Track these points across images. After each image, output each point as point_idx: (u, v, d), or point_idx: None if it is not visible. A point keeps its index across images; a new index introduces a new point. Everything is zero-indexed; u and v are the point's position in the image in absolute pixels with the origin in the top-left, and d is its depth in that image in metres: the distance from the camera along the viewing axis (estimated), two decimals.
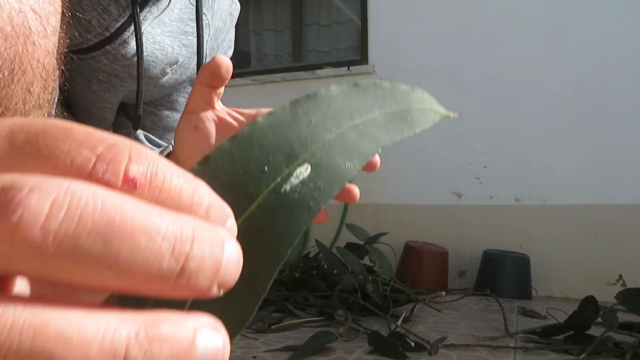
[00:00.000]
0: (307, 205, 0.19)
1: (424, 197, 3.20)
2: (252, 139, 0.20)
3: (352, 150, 0.22)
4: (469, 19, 3.15)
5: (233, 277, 0.15)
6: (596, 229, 2.85)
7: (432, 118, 0.26)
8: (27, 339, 0.12)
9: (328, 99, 0.22)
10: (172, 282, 0.13)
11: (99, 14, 0.60)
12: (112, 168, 0.14)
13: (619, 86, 2.84)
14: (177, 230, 0.13)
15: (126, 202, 0.13)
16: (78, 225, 0.12)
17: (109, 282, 0.13)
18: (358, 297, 2.27)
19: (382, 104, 0.24)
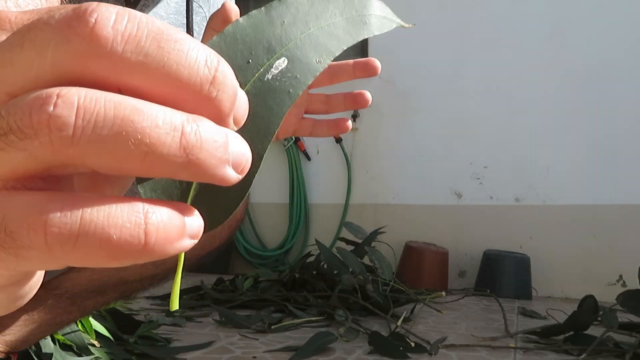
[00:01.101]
0: (288, 91, 0.23)
1: (424, 197, 3.20)
2: (236, 35, 0.23)
3: (320, 48, 0.25)
4: (468, 19, 3.15)
5: (244, 112, 0.18)
6: (596, 229, 2.85)
7: (388, 25, 0.31)
8: (111, 107, 0.15)
9: (297, 4, 0.25)
10: (206, 89, 0.17)
11: None
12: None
13: (619, 86, 2.84)
14: (207, 50, 0.17)
15: (169, 25, 0.17)
16: (138, 30, 0.16)
17: (159, 84, 0.16)
18: (358, 297, 2.27)
19: (343, 10, 0.28)
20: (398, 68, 3.30)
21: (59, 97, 0.15)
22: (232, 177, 0.17)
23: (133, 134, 0.15)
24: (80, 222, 0.15)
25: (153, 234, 0.15)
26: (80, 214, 0.15)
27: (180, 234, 0.16)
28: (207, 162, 0.16)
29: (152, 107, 0.16)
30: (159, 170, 0.16)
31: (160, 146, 0.15)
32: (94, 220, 0.15)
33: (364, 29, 0.28)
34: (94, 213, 0.15)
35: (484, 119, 3.09)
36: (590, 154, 2.88)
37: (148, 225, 0.15)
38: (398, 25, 0.33)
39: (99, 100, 0.15)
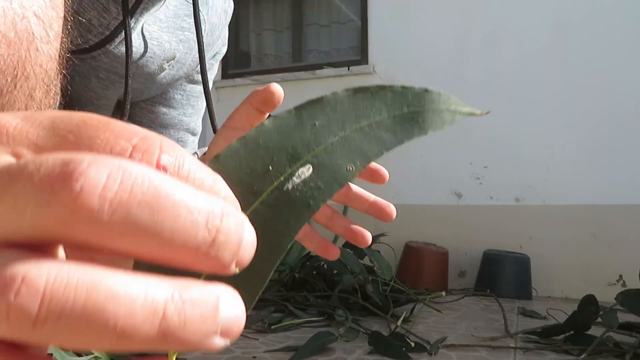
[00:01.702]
0: (307, 204, 0.21)
1: (424, 197, 3.20)
2: (258, 140, 0.21)
3: (355, 152, 0.23)
4: (469, 18, 3.15)
5: (249, 255, 0.16)
6: (596, 229, 2.85)
7: (449, 118, 0.26)
8: (82, 294, 0.13)
9: (334, 103, 0.23)
10: (204, 252, 0.15)
11: (99, 13, 0.60)
12: (146, 157, 0.16)
13: (619, 86, 2.84)
14: (209, 206, 0.15)
15: (168, 179, 0.15)
16: (130, 196, 0.14)
17: (151, 250, 0.15)
18: (358, 297, 2.27)
19: (392, 107, 0.24)
20: (398, 68, 3.30)
21: (23, 283, 0.13)
22: (217, 346, 0.15)
23: (104, 324, 0.13)
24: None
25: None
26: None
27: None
28: (189, 340, 0.15)
29: (132, 287, 0.14)
30: (132, 349, 0.14)
31: (135, 334, 0.14)
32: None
33: (414, 128, 0.25)
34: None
35: (484, 119, 3.09)
36: (590, 154, 2.88)
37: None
38: (463, 116, 0.27)
39: (70, 284, 0.13)
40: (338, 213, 0.51)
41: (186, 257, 0.15)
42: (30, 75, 0.28)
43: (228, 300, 0.15)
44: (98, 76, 0.65)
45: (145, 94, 0.73)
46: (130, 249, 0.15)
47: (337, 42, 3.80)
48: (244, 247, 0.16)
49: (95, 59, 0.63)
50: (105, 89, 0.67)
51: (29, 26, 0.27)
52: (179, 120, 0.78)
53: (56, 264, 0.14)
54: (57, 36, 0.30)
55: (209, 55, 0.78)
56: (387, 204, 0.50)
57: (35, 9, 0.28)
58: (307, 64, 3.76)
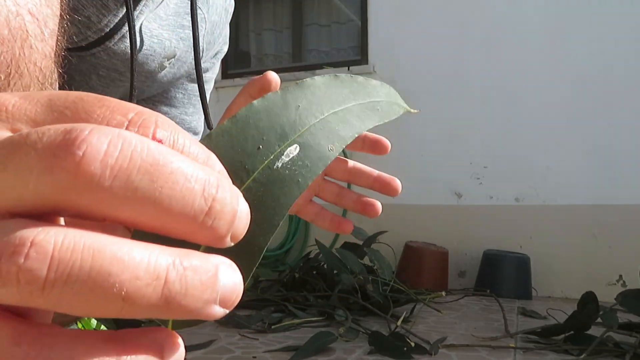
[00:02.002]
0: (297, 181, 0.22)
1: (424, 197, 3.20)
2: (248, 119, 0.22)
3: (333, 135, 0.24)
4: (468, 19, 3.15)
5: (243, 228, 0.17)
6: (596, 229, 2.85)
7: (397, 110, 0.30)
8: (88, 258, 0.14)
9: (313, 88, 0.25)
10: (200, 221, 0.15)
11: (98, 9, 0.59)
12: (142, 130, 0.16)
13: (619, 86, 2.84)
14: (205, 175, 0.16)
15: (166, 149, 0.15)
16: (130, 162, 0.14)
17: (149, 217, 0.15)
18: (358, 297, 2.27)
19: (357, 95, 0.27)
20: (398, 68, 3.30)
21: (32, 246, 0.13)
22: (217, 314, 0.16)
23: (110, 288, 0.14)
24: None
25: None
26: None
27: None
28: (190, 307, 0.15)
29: (135, 252, 0.14)
30: (136, 315, 0.15)
31: (139, 298, 0.14)
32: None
33: (375, 115, 0.28)
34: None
35: (484, 119, 3.09)
36: (590, 154, 2.88)
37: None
38: (405, 110, 0.32)
39: (77, 248, 0.14)
40: (345, 188, 0.52)
41: (184, 226, 0.15)
42: (24, 73, 0.28)
43: (227, 270, 0.16)
44: (98, 74, 0.65)
45: (147, 92, 0.73)
46: (130, 217, 0.15)
47: (337, 42, 3.80)
48: (239, 219, 0.16)
49: (95, 56, 0.63)
50: (106, 87, 0.67)
51: (23, 24, 0.27)
52: (181, 119, 0.78)
53: (63, 229, 0.14)
54: (53, 34, 0.30)
55: (210, 54, 0.78)
56: (392, 178, 0.51)
57: (30, 6, 0.28)
58: (307, 64, 3.76)
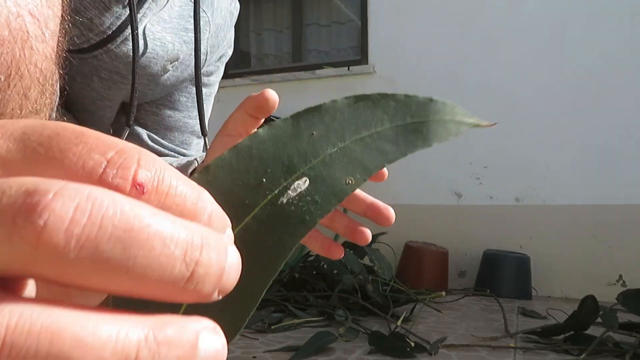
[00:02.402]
0: (303, 219, 0.20)
1: (424, 197, 3.20)
2: (251, 150, 0.20)
3: (355, 165, 0.21)
4: (469, 19, 3.15)
5: (233, 282, 0.15)
6: (596, 229, 2.85)
7: (454, 129, 0.25)
8: (45, 342, 0.12)
9: (333, 112, 0.22)
10: (181, 287, 0.14)
11: (100, 12, 0.59)
12: (121, 172, 0.14)
13: (619, 86, 2.84)
14: (188, 237, 0.14)
15: (142, 208, 0.14)
16: (99, 230, 0.13)
17: (123, 286, 0.13)
18: (358, 297, 2.27)
19: (394, 116, 0.23)
20: (398, 68, 3.30)
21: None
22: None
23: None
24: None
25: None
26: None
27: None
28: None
29: (102, 330, 0.13)
30: None
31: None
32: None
33: (417, 139, 0.23)
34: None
35: (484, 118, 3.08)
36: (590, 154, 2.88)
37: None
38: (469, 127, 0.27)
39: (32, 330, 0.12)
40: (339, 212, 0.50)
41: (161, 293, 0.14)
42: (25, 74, 0.28)
43: (208, 337, 0.14)
44: (100, 76, 0.65)
45: (150, 95, 0.73)
46: (100, 286, 0.13)
47: (337, 42, 3.80)
48: (227, 275, 0.15)
49: (97, 59, 0.63)
50: (108, 90, 0.67)
51: (23, 25, 0.27)
52: (184, 122, 0.78)
53: (19, 306, 0.12)
54: (54, 35, 0.30)
55: (214, 57, 0.78)
56: (385, 207, 0.48)
57: (31, 7, 0.27)
58: (307, 63, 3.76)
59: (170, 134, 0.77)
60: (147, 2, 0.63)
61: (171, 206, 0.15)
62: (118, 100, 0.70)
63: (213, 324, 0.15)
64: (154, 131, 0.76)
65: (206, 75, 0.79)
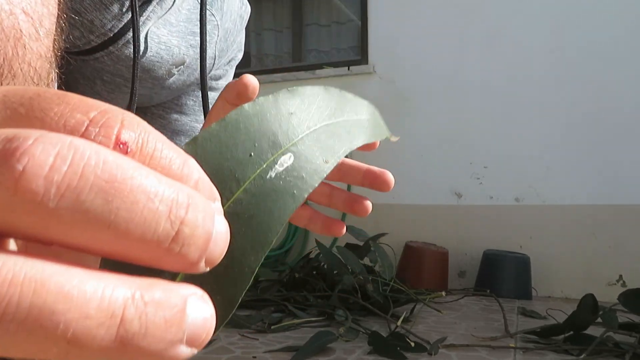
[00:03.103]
0: (292, 193, 0.20)
1: (424, 197, 3.20)
2: (239, 123, 0.20)
3: (327, 148, 0.23)
4: (469, 19, 3.15)
5: (220, 252, 0.14)
6: (596, 229, 2.85)
7: (380, 133, 0.29)
8: (28, 292, 0.12)
9: (303, 97, 0.23)
10: (166, 247, 0.13)
11: (102, 13, 0.59)
12: (104, 131, 0.14)
13: (619, 86, 2.84)
14: (173, 193, 0.13)
15: (126, 160, 0.13)
16: (80, 179, 0.12)
17: (104, 243, 0.13)
18: (358, 297, 2.27)
19: (345, 111, 0.25)
20: (398, 68, 3.30)
21: None
22: (183, 356, 0.14)
23: (52, 329, 0.12)
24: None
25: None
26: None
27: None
28: (151, 348, 0.13)
29: (87, 285, 0.12)
30: (85, 359, 0.12)
31: (89, 341, 0.12)
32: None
33: (362, 134, 0.26)
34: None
35: (484, 119, 3.09)
36: (591, 153, 2.88)
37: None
38: (386, 136, 0.31)
39: (15, 281, 0.11)
40: (336, 188, 0.49)
41: (145, 252, 0.13)
42: (18, 73, 0.27)
43: (196, 303, 0.14)
44: (102, 79, 0.65)
45: (155, 99, 0.72)
46: (81, 242, 0.13)
47: (337, 42, 3.81)
48: (214, 242, 0.14)
49: (99, 61, 0.62)
50: (111, 93, 0.67)
51: (16, 23, 0.27)
52: (191, 127, 0.77)
53: (1, 256, 0.12)
54: (49, 34, 0.30)
55: (223, 61, 0.77)
56: (382, 171, 0.47)
57: (24, 5, 0.27)
58: (307, 63, 3.76)
59: (177, 138, 0.76)
60: (151, 5, 0.63)
61: (156, 168, 0.14)
62: (122, 104, 0.70)
63: (202, 292, 0.14)
64: None
65: (214, 79, 0.78)
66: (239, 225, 0.18)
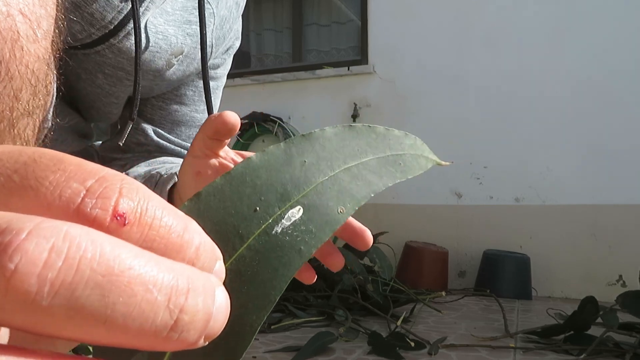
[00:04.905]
0: (298, 249, 0.19)
1: (424, 197, 3.20)
2: (245, 177, 0.19)
3: (345, 194, 0.21)
4: (469, 19, 3.15)
5: (220, 326, 0.14)
6: (596, 229, 2.85)
7: (424, 165, 0.26)
8: None
9: (322, 140, 0.22)
10: (164, 336, 0.13)
11: (102, 6, 0.59)
12: (101, 203, 0.13)
13: (619, 86, 2.84)
14: (173, 280, 0.13)
15: (124, 249, 0.12)
16: (76, 274, 0.12)
17: (100, 336, 0.12)
18: (358, 297, 2.27)
19: (376, 148, 0.24)
20: (398, 68, 3.30)
21: None
22: None
23: None
24: None
25: None
26: None
27: None
28: None
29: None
30: None
31: None
32: None
33: (397, 172, 0.24)
34: None
35: (484, 119, 3.09)
36: (590, 154, 2.88)
37: None
38: (433, 164, 0.27)
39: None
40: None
41: (142, 343, 0.13)
42: (15, 75, 0.27)
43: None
44: (104, 72, 0.65)
45: (156, 90, 0.72)
46: (75, 336, 0.12)
47: (337, 42, 3.80)
48: (214, 320, 0.14)
49: (100, 54, 0.62)
50: (113, 86, 0.66)
51: (13, 24, 0.26)
52: (191, 117, 0.77)
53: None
54: (47, 35, 0.29)
55: (220, 49, 0.76)
56: (362, 230, 0.45)
57: (22, 6, 0.27)
58: (307, 63, 3.76)
59: (177, 128, 0.76)
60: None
61: (155, 239, 0.14)
62: (124, 97, 0.70)
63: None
64: (160, 126, 0.75)
65: (213, 68, 0.77)
66: (240, 283, 0.18)
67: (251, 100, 3.51)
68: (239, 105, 3.40)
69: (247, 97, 3.54)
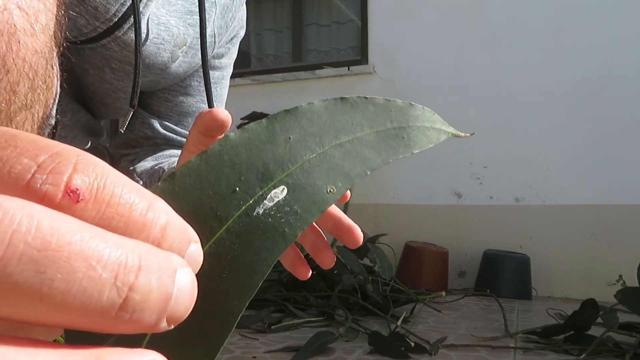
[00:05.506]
0: (282, 231, 0.18)
1: (424, 197, 3.20)
2: (222, 155, 0.18)
3: (336, 172, 0.20)
4: (469, 19, 3.15)
5: (185, 310, 0.13)
6: (596, 229, 2.85)
7: (434, 137, 0.23)
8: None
9: (310, 115, 0.20)
10: (113, 316, 0.12)
11: None
12: (52, 178, 0.12)
13: (619, 86, 2.84)
14: (121, 256, 0.12)
15: (65, 222, 0.12)
16: (8, 249, 0.11)
17: (40, 316, 0.11)
18: (358, 297, 2.27)
19: (374, 121, 0.22)
20: (398, 68, 3.30)
21: None
22: None
23: None
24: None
25: None
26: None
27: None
28: None
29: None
30: None
31: None
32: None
33: (400, 146, 0.22)
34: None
35: (484, 119, 3.09)
36: (590, 154, 2.88)
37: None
38: (449, 136, 0.24)
39: None
40: (313, 226, 0.46)
41: (89, 323, 0.12)
42: (12, 69, 0.27)
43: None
44: (111, 67, 0.65)
45: (162, 83, 0.72)
46: (13, 315, 0.11)
47: (337, 42, 3.80)
48: (176, 302, 0.13)
49: (106, 48, 0.62)
50: (120, 81, 0.66)
51: (10, 18, 0.26)
52: (197, 107, 0.76)
53: None
54: (45, 29, 0.29)
55: (224, 39, 0.76)
56: (352, 226, 0.44)
57: (19, 0, 0.27)
58: (307, 63, 3.76)
59: (184, 119, 0.76)
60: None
61: (113, 217, 0.13)
62: (129, 90, 0.70)
63: (159, 357, 0.13)
64: (167, 118, 0.75)
65: (217, 57, 0.77)
66: (220, 268, 0.17)
67: (251, 100, 3.51)
68: (239, 105, 3.40)
69: (247, 97, 3.54)
